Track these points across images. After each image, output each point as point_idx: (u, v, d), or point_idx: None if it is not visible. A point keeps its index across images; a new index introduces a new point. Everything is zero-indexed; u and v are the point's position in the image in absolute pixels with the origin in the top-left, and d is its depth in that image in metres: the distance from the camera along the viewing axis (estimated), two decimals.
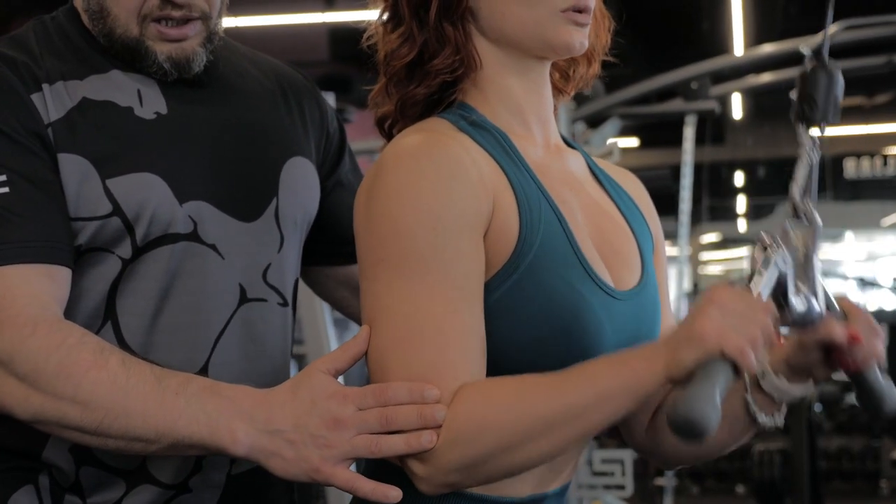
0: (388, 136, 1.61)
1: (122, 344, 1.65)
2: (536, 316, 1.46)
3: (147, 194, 1.64)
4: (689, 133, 6.45)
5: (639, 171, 1.91)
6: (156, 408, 1.47)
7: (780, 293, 1.43)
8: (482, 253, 1.45)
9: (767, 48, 6.43)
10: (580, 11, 1.54)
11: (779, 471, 8.76)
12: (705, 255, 20.32)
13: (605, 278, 1.53)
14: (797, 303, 1.44)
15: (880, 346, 1.50)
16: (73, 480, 1.66)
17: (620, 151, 5.45)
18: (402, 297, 1.42)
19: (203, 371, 1.67)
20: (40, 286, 1.55)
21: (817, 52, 1.49)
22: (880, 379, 1.52)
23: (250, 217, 1.73)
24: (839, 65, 1.50)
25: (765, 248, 1.42)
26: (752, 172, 16.24)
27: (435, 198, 1.43)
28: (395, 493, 1.44)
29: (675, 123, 6.69)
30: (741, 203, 18.76)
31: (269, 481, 1.51)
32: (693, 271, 18.01)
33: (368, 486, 1.44)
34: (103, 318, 1.65)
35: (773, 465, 8.79)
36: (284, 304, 1.78)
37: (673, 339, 1.36)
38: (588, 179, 1.67)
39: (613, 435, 1.76)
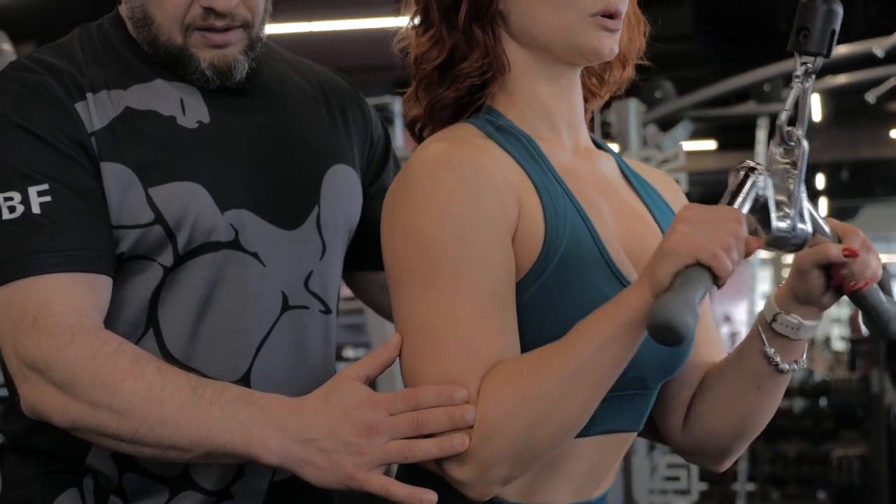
0: (420, 139, 1.62)
1: (164, 352, 1.66)
2: (564, 317, 1.46)
3: (188, 202, 1.65)
4: (761, 136, 6.40)
5: (716, 174, 1.91)
6: (190, 417, 1.48)
7: (761, 214, 1.43)
8: (511, 257, 1.46)
9: (843, 49, 6.35)
10: (610, 17, 1.53)
11: (858, 476, 8.68)
12: (789, 258, 20.08)
13: (632, 279, 1.52)
14: (779, 223, 1.44)
15: (876, 261, 1.51)
16: (117, 485, 1.68)
17: (686, 155, 5.42)
18: (432, 306, 1.44)
19: (245, 379, 1.68)
20: (80, 295, 1.57)
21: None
22: (883, 300, 1.53)
23: (292, 225, 1.74)
24: None
25: (744, 172, 1.42)
26: (835, 175, 16.06)
27: (460, 207, 1.44)
28: (431, 496, 1.45)
29: (754, 126, 6.65)
30: (823, 206, 18.55)
31: (311, 488, 1.51)
32: (776, 273, 17.83)
33: (403, 491, 1.45)
34: (145, 326, 1.67)
35: (851, 471, 8.71)
36: (327, 311, 1.78)
37: (650, 261, 1.37)
38: (619, 182, 1.67)
39: (655, 438, 1.75)
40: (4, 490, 1.76)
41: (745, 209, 1.40)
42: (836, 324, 17.19)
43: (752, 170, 1.42)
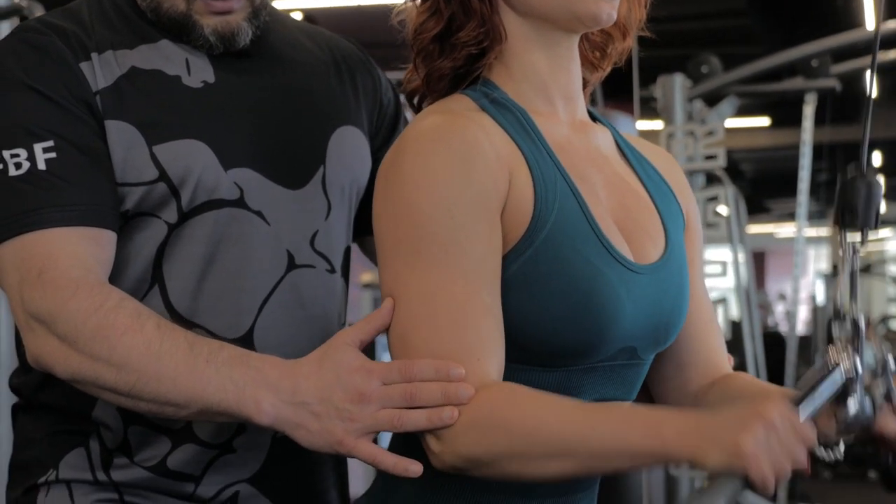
0: (418, 110, 1.63)
1: (169, 308, 1.69)
2: (552, 290, 1.47)
3: (192, 160, 1.68)
4: (808, 112, 6.36)
5: (768, 152, 1.90)
6: (186, 374, 1.51)
7: (839, 400, 1.41)
8: (499, 234, 1.47)
9: (893, 24, 6.29)
10: None
11: None
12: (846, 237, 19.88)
13: (623, 252, 1.54)
14: (852, 407, 1.42)
15: None
16: (122, 439, 1.71)
17: (729, 131, 5.39)
18: (421, 277, 1.45)
19: (248, 335, 1.71)
20: (84, 249, 1.60)
21: (857, 165, 1.49)
22: None
23: (297, 184, 1.76)
24: None
25: (829, 368, 1.41)
26: (893, 152, 15.87)
27: (451, 181, 1.46)
28: (416, 467, 1.46)
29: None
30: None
31: None
32: (833, 252, 17.69)
33: (390, 460, 1.47)
34: (150, 282, 1.70)
35: None
36: (332, 270, 1.80)
37: (712, 428, 1.33)
38: (614, 156, 1.67)
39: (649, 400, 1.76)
40: (16, 450, 1.81)
41: (812, 411, 1.37)
42: (893, 303, 17.03)
43: (837, 366, 1.41)
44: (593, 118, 1.69)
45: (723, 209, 6.26)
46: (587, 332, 1.48)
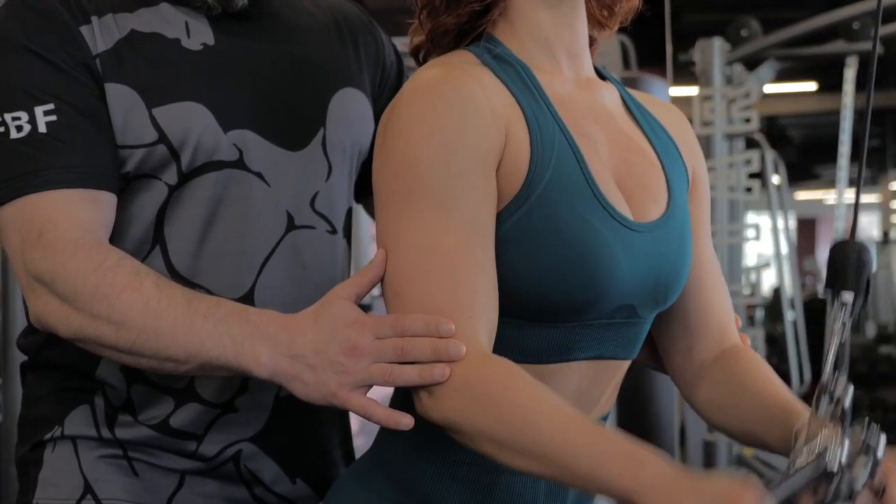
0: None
1: (170, 268, 1.71)
2: (547, 246, 1.47)
3: (191, 123, 1.69)
4: (849, 75, 6.29)
5: (815, 117, 1.88)
6: (185, 330, 1.54)
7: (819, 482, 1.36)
8: (494, 189, 1.48)
9: None
10: None
11: None
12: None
13: (621, 210, 1.54)
14: (830, 494, 1.36)
15: None
16: (126, 398, 1.74)
17: (773, 96, 5.35)
18: (414, 229, 1.46)
19: (249, 295, 1.72)
20: (84, 210, 1.63)
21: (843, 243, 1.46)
22: None
23: (297, 146, 1.77)
24: None
25: (819, 475, 1.34)
26: None
27: (446, 134, 1.46)
28: (407, 420, 1.48)
29: (859, 66, 6.51)
30: None
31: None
32: (884, 219, 17.52)
33: (381, 413, 1.48)
34: (151, 243, 1.72)
35: None
36: (333, 231, 1.82)
37: (688, 494, 1.29)
38: (620, 113, 1.67)
39: (664, 371, 1.76)
40: (24, 407, 1.84)
41: (785, 496, 1.33)
42: None
43: (823, 451, 1.34)
44: (601, 76, 1.69)
45: (763, 175, 6.21)
46: (582, 288, 1.48)
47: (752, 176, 6.15)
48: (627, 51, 5.49)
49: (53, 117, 1.64)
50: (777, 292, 8.93)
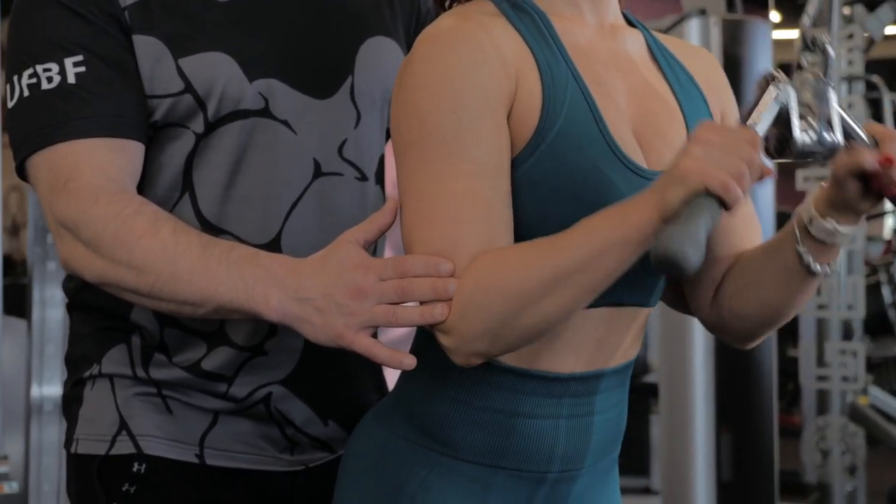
0: None
1: (198, 215, 1.76)
2: (558, 193, 1.50)
3: (216, 72, 1.73)
4: None
5: None
6: (200, 274, 1.59)
7: (784, 127, 1.42)
8: (506, 132, 1.50)
9: None
10: None
11: None
12: None
13: (633, 158, 1.54)
14: (804, 135, 1.42)
15: None
16: (159, 341, 1.80)
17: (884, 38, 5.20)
18: (426, 177, 1.49)
19: (276, 241, 1.77)
20: (109, 159, 1.68)
21: None
22: None
23: (324, 94, 1.80)
24: None
25: (766, 82, 1.41)
26: None
27: (454, 82, 1.49)
28: (410, 360, 1.53)
29: None
30: None
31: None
32: None
33: (385, 353, 1.54)
34: (181, 190, 1.77)
35: None
36: (363, 178, 1.85)
37: (661, 181, 1.38)
38: (644, 60, 1.67)
39: (684, 310, 1.76)
40: (69, 346, 1.92)
41: (764, 126, 1.39)
42: None
43: (773, 80, 1.41)
44: (629, 22, 1.69)
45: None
46: None
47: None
48: None
49: (82, 68, 1.70)
50: None
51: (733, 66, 4.21)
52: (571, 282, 1.42)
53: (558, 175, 1.50)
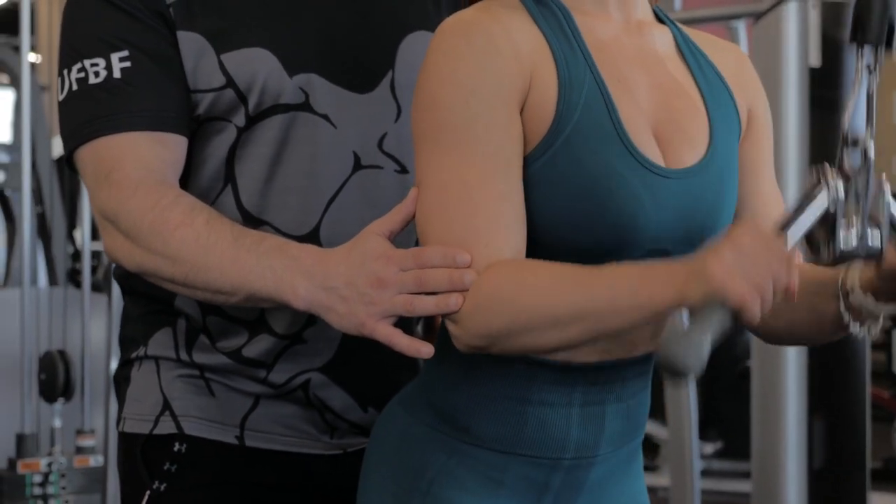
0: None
1: (240, 206, 1.82)
2: (571, 191, 1.52)
3: (257, 67, 1.78)
4: None
5: None
6: (231, 264, 1.65)
7: (826, 228, 1.40)
8: (518, 124, 1.53)
9: None
10: None
11: None
12: None
13: (649, 155, 1.56)
14: (846, 237, 1.41)
15: None
16: (202, 327, 1.86)
17: None
18: (438, 167, 1.54)
19: (315, 232, 1.82)
20: (150, 151, 1.75)
21: None
22: None
23: (364, 89, 1.85)
24: None
25: (816, 181, 1.40)
26: None
27: (468, 73, 1.53)
28: (427, 348, 1.59)
29: None
30: None
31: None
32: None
33: (404, 342, 1.59)
34: (223, 181, 1.83)
35: None
36: (403, 171, 1.88)
37: (689, 269, 1.38)
38: (672, 56, 1.68)
39: None
40: (121, 327, 2.00)
41: (802, 230, 1.38)
42: None
43: (821, 177, 1.39)
44: (659, 19, 1.70)
45: None
46: (606, 233, 1.52)
47: None
48: None
49: (128, 63, 1.76)
50: None
51: (833, 51, 4.12)
52: (582, 325, 1.46)
53: (571, 171, 1.52)
